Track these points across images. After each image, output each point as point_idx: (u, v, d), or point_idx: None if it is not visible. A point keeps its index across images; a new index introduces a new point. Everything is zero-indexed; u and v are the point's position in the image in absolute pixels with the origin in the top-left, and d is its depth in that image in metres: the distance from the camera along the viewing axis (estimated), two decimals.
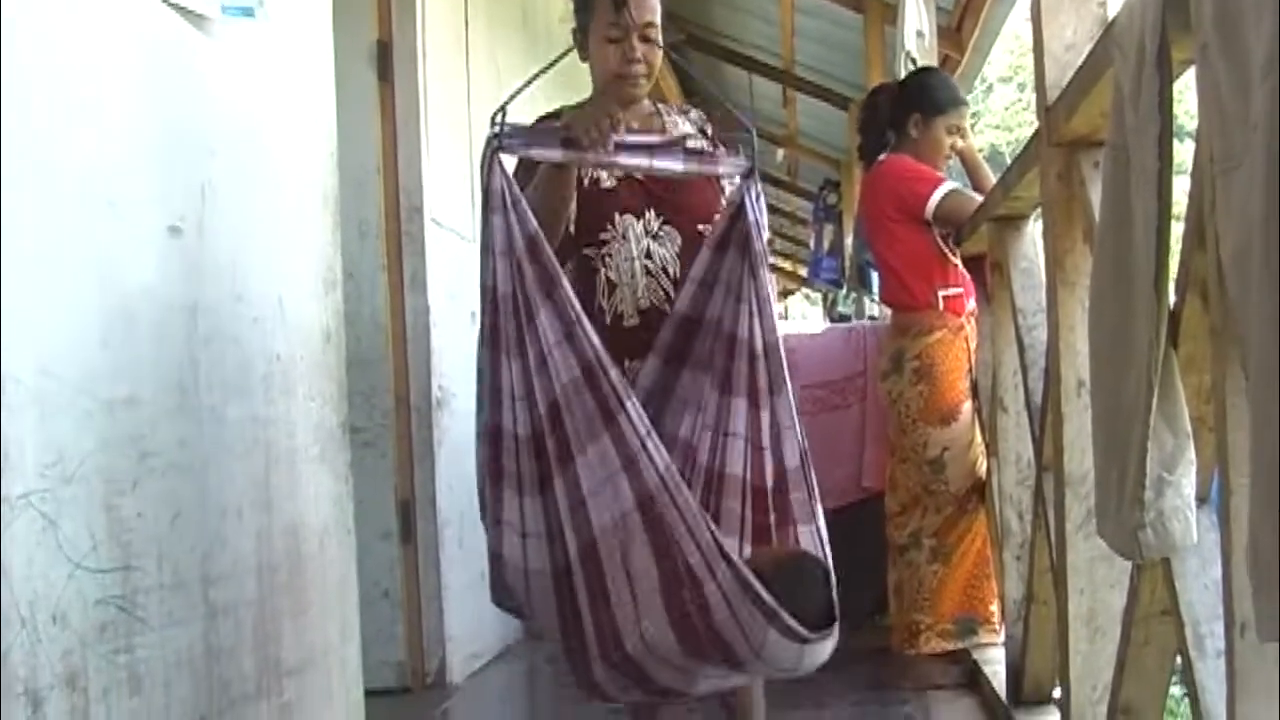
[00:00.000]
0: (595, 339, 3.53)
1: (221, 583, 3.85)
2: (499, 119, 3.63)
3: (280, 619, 4.25)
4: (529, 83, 3.82)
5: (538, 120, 4.02)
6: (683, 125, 4.11)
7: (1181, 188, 2.50)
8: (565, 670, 3.72)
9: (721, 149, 3.97)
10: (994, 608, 5.70)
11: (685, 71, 13.72)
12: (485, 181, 3.60)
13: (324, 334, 4.72)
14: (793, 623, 3.45)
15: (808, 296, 26.74)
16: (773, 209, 17.88)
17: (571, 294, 3.56)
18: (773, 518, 3.78)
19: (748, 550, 3.76)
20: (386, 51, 6.14)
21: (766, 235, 3.93)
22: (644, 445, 3.48)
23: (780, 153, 15.19)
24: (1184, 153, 2.55)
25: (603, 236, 3.94)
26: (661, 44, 4.01)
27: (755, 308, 3.76)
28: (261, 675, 4.09)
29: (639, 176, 3.98)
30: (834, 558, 3.81)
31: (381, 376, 6.06)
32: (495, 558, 3.82)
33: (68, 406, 3.18)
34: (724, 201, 4.00)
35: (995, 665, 5.40)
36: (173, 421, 3.65)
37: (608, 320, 3.91)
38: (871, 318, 8.92)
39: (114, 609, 3.31)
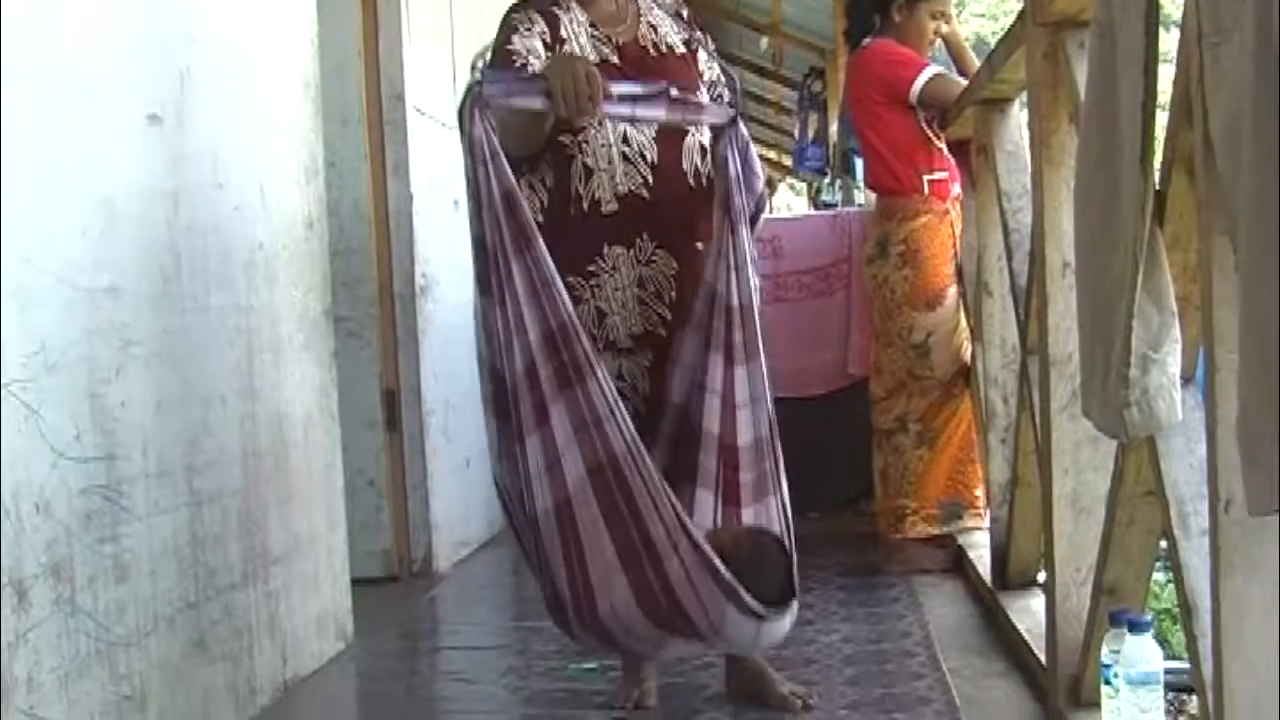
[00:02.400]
0: (568, 300, 3.55)
1: (206, 471, 3.86)
2: (479, 65, 3.61)
3: (266, 507, 4.26)
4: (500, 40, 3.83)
5: (509, 10, 3.97)
6: (656, 10, 4.07)
7: (1166, 75, 2.48)
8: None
9: (706, 98, 3.95)
10: (979, 492, 5.72)
11: None
12: (467, 130, 3.57)
13: (306, 222, 4.70)
14: (750, 600, 3.50)
15: (793, 186, 26.62)
16: (757, 98, 17.80)
17: (546, 253, 3.55)
18: (744, 476, 3.80)
19: (720, 508, 3.80)
20: None
21: (760, 185, 3.91)
22: (611, 412, 3.51)
23: (765, 41, 15.04)
24: (1168, 41, 2.53)
25: (578, 122, 3.90)
26: None
27: (733, 263, 3.76)
28: (247, 563, 4.11)
29: (615, 61, 3.94)
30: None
31: (365, 265, 6.04)
32: (499, 488, 3.85)
33: (49, 296, 3.17)
34: (704, 84, 3.99)
35: (980, 549, 5.42)
36: (155, 310, 3.65)
37: (585, 207, 3.88)
38: (861, 206, 8.89)
39: (99, 498, 3.31)
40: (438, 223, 6.27)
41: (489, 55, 3.74)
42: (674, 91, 3.75)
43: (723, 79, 4.03)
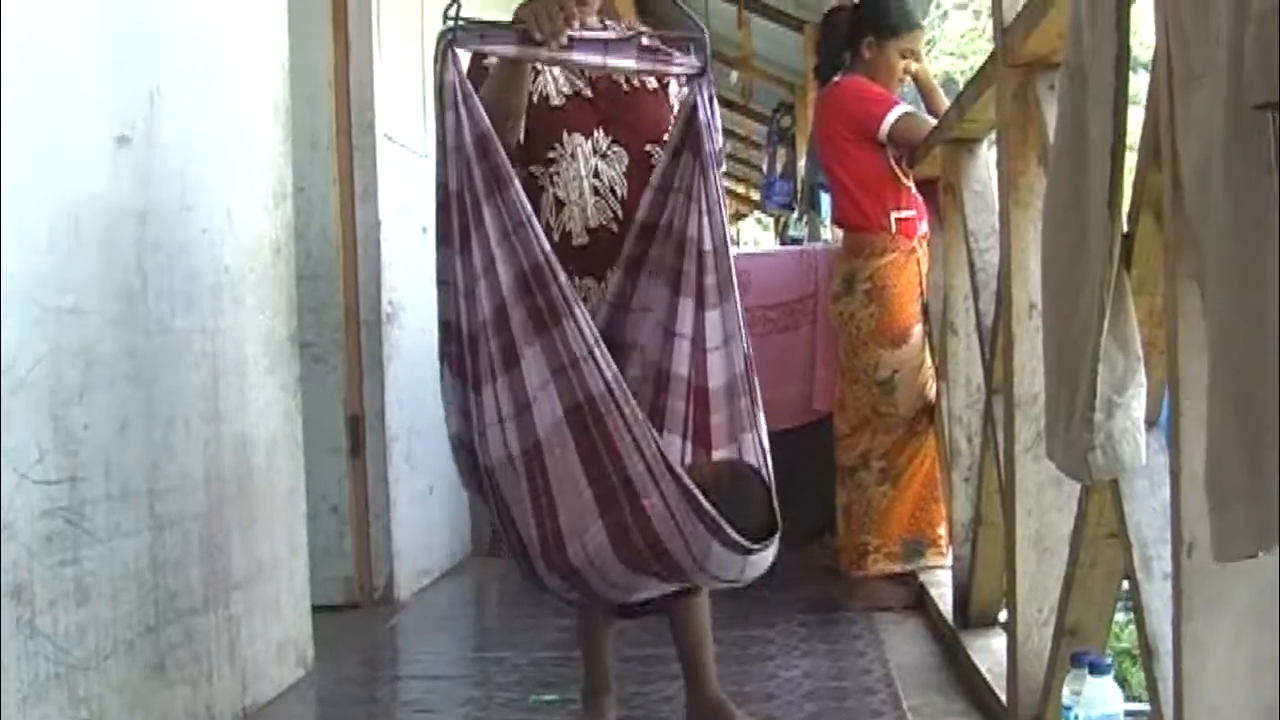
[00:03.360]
0: (544, 240, 3.51)
1: (169, 495, 3.84)
2: (452, 12, 3.59)
3: (228, 531, 4.24)
4: None
5: None
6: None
7: (1135, 119, 2.49)
8: (515, 578, 3.73)
9: (675, 52, 3.94)
10: (942, 530, 5.72)
11: None
12: (438, 76, 3.56)
13: (274, 246, 4.69)
14: (735, 535, 3.47)
15: (760, 221, 26.70)
16: (726, 132, 17.77)
17: (522, 194, 3.53)
18: (715, 419, 3.79)
19: (690, 451, 3.78)
20: None
21: (720, 139, 3.91)
22: (591, 352, 3.46)
23: (734, 75, 15.07)
24: (1137, 84, 2.55)
25: (550, 155, 3.91)
26: None
27: (705, 208, 3.75)
28: (209, 588, 4.09)
29: (588, 94, 3.95)
30: (783, 479, 3.82)
31: (331, 291, 6.03)
32: (452, 441, 3.81)
33: (13, 314, 3.15)
34: (673, 117, 3.98)
35: (942, 587, 5.42)
36: (120, 331, 3.64)
37: (556, 239, 3.87)
38: (826, 241, 8.90)
39: (61, 520, 3.30)
40: (405, 250, 6.27)
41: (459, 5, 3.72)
42: (644, 40, 3.76)
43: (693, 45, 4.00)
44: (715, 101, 3.85)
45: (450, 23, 3.56)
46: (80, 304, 3.44)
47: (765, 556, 3.62)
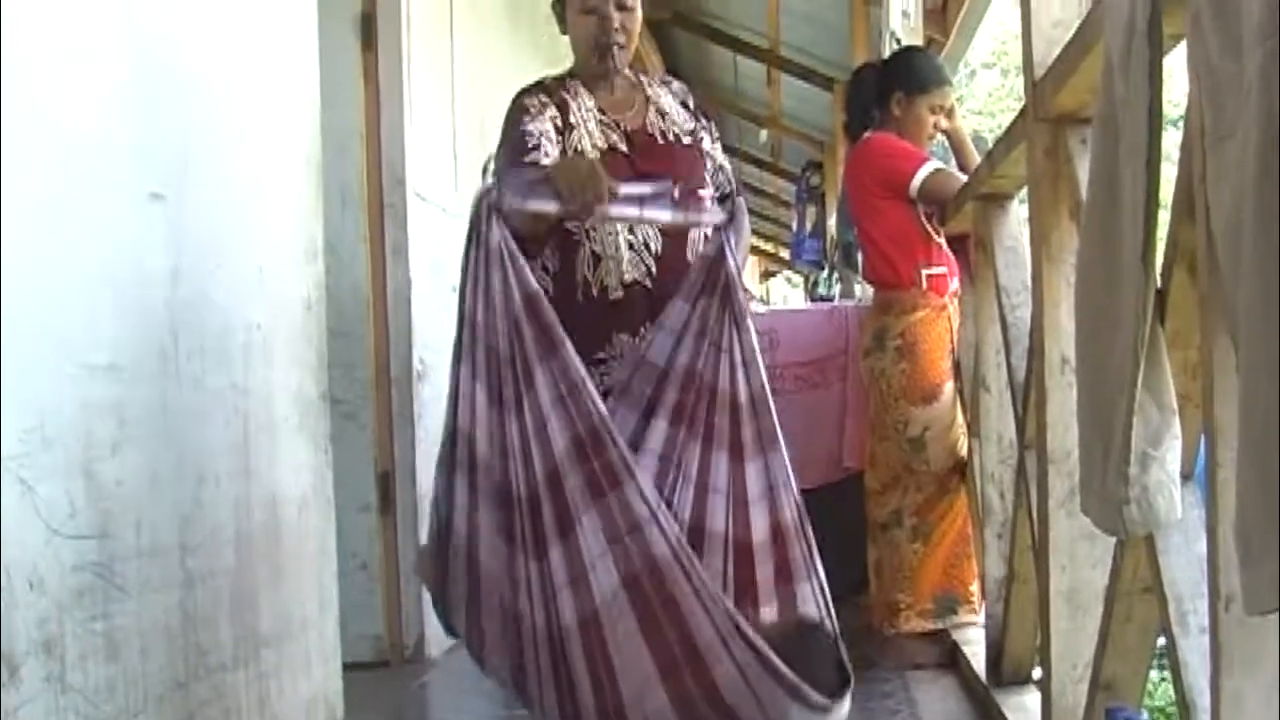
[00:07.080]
0: (600, 403, 3.46)
1: (199, 550, 3.84)
2: (490, 167, 3.59)
3: (258, 588, 4.23)
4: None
5: (519, 94, 3.98)
6: (665, 97, 4.09)
7: (1167, 175, 2.49)
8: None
9: (707, 200, 3.95)
10: (974, 587, 5.71)
11: (668, 49, 13.73)
12: (482, 236, 3.52)
13: (304, 304, 4.70)
14: (815, 695, 3.39)
15: (789, 279, 26.70)
16: (755, 190, 17.88)
17: (574, 355, 3.47)
18: (761, 574, 3.71)
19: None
20: (371, 21, 6.10)
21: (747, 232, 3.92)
22: (654, 514, 3.40)
23: (764, 133, 15.15)
24: (1169, 141, 2.55)
25: (586, 223, 3.89)
26: (639, 11, 4.01)
27: (740, 359, 3.68)
28: (238, 644, 4.08)
29: (623, 148, 3.95)
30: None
31: (362, 348, 6.03)
32: (451, 591, 3.73)
33: (47, 371, 3.15)
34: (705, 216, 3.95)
35: (975, 645, 5.40)
36: (152, 388, 3.64)
37: (594, 293, 3.87)
38: (860, 300, 8.90)
39: (91, 575, 3.29)
40: (436, 307, 6.28)
41: (500, 141, 3.72)
42: (677, 193, 3.73)
43: (726, 165, 4.07)
44: (743, 217, 3.84)
45: (490, 178, 3.55)
46: (114, 361, 3.45)
47: (843, 709, 3.53)
